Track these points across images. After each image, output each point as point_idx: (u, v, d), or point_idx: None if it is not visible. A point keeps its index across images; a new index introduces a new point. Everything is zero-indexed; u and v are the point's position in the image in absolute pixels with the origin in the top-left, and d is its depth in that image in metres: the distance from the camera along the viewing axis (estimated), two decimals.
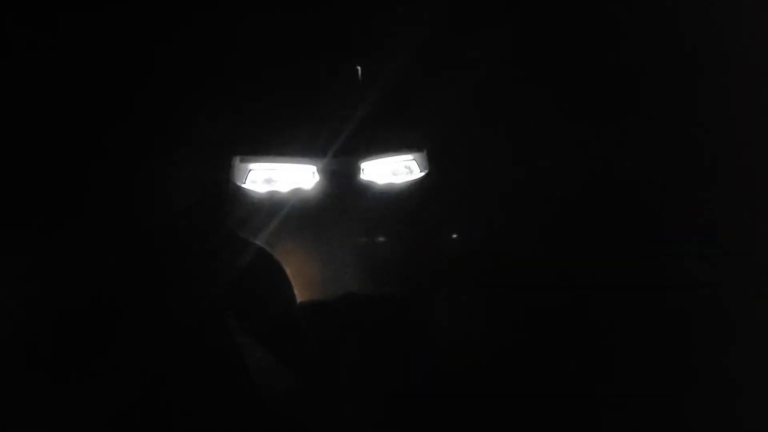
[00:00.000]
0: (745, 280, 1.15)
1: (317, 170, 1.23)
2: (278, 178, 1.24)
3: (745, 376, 1.10)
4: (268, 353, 1.12)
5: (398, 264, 1.27)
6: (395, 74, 1.20)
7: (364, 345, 1.16)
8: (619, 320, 1.18)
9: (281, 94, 1.23)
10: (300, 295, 1.18)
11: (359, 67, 1.23)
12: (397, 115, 1.25)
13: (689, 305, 1.17)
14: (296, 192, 1.24)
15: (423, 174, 1.29)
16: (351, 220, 1.26)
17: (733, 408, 1.09)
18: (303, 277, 1.20)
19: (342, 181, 1.25)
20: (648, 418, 1.11)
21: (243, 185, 1.23)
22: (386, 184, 1.27)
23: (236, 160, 1.23)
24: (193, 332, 1.05)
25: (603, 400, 1.12)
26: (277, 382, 1.12)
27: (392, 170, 1.28)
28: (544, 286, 1.22)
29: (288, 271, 1.16)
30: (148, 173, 1.16)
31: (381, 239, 1.28)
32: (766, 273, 1.15)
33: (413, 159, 1.28)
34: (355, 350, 1.16)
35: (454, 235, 1.30)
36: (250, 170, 1.23)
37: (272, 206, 1.22)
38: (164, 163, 1.16)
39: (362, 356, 1.15)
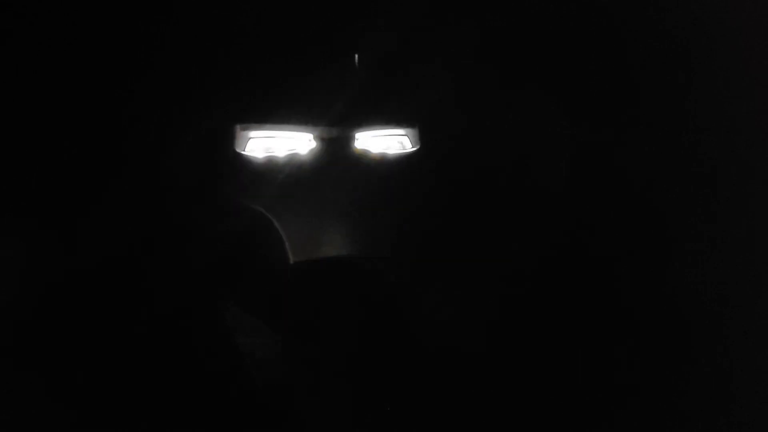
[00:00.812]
0: (745, 280, 1.16)
1: (314, 137, 1.28)
2: (276, 145, 1.28)
3: (745, 377, 1.11)
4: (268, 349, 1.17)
5: (389, 232, 1.28)
6: (392, 48, 1.25)
7: (349, 313, 1.18)
8: (617, 319, 1.19)
9: (280, 65, 1.28)
10: (292, 256, 1.23)
11: (357, 55, 1.28)
12: (392, 89, 1.29)
13: (688, 305, 1.17)
14: (293, 157, 1.27)
15: (414, 149, 1.32)
16: (345, 186, 1.29)
17: (733, 408, 1.10)
18: (296, 239, 1.23)
19: (337, 148, 1.28)
20: (647, 417, 1.12)
21: (243, 152, 1.27)
22: (379, 153, 1.31)
23: (237, 127, 1.27)
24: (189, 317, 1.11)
25: (600, 398, 1.13)
26: (274, 374, 1.15)
27: (385, 144, 1.31)
28: (540, 282, 1.22)
29: (283, 233, 1.22)
30: (145, 143, 1.21)
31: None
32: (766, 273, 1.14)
33: (405, 134, 1.31)
34: (341, 318, 1.18)
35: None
36: (250, 138, 1.27)
37: (270, 171, 1.26)
38: (163, 133, 1.22)
39: (348, 325, 1.17)
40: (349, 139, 1.28)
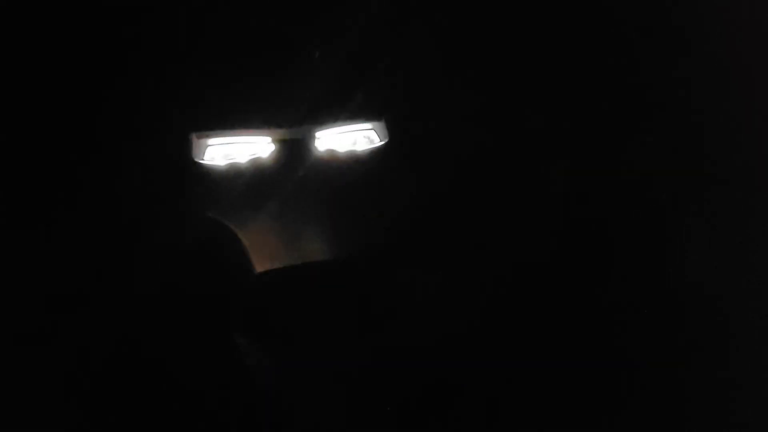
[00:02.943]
0: (745, 280, 1.15)
1: (273, 140, 1.22)
2: (236, 151, 1.22)
3: (746, 377, 1.12)
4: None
5: (360, 233, 1.27)
6: (353, 42, 1.19)
7: (323, 315, 1.18)
8: (616, 318, 1.19)
9: (235, 68, 1.21)
10: (258, 265, 1.21)
11: (317, 52, 1.22)
12: (355, 83, 1.23)
13: (688, 305, 1.17)
14: (254, 162, 1.22)
15: (383, 143, 1.27)
16: (313, 187, 1.25)
17: (733, 408, 1.11)
18: (262, 248, 1.22)
19: (299, 150, 1.23)
20: (646, 416, 1.12)
21: (201, 161, 1.21)
22: (346, 152, 1.25)
23: (193, 136, 1.20)
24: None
25: (598, 397, 1.14)
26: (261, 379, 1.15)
27: (352, 140, 1.25)
28: (539, 280, 1.20)
29: (247, 242, 1.21)
30: (98, 157, 1.15)
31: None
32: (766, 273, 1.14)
33: (372, 128, 1.25)
34: (314, 320, 1.17)
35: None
36: (208, 146, 1.20)
37: (231, 179, 1.21)
38: (119, 143, 1.16)
39: (322, 326, 1.17)
40: (312, 139, 1.22)
